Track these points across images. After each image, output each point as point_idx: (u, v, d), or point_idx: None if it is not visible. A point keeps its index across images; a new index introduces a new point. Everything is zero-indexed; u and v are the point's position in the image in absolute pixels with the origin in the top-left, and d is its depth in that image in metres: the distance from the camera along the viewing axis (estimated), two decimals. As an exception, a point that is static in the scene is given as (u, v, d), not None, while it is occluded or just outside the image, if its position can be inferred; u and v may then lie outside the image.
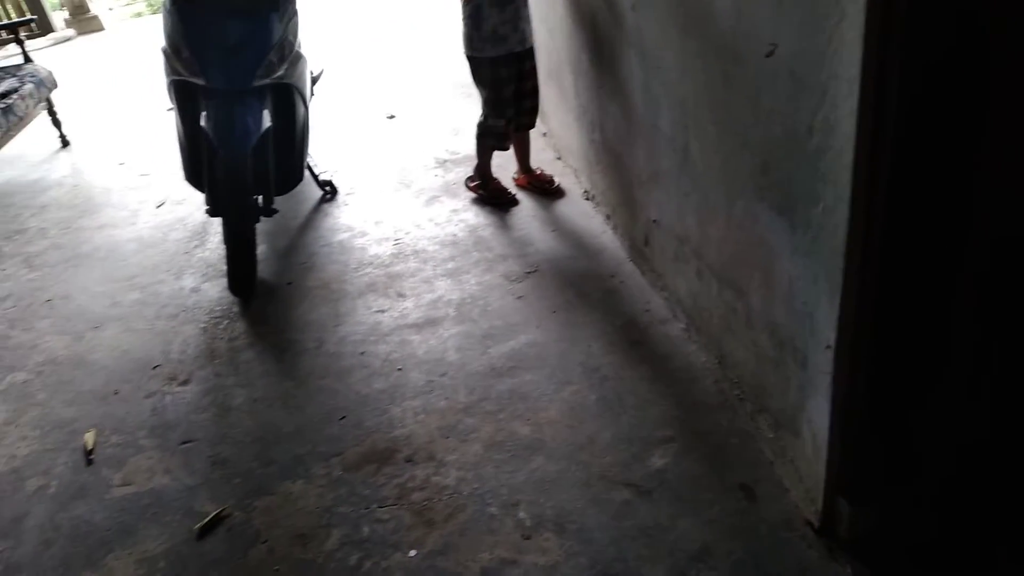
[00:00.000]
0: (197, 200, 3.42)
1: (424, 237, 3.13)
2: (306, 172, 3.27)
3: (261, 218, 2.86)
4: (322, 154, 3.95)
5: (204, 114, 2.69)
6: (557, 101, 3.46)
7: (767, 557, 1.64)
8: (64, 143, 4.86)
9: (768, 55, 1.45)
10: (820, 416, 1.54)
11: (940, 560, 1.55)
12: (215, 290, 2.95)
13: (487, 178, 3.31)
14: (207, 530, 1.90)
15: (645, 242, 2.54)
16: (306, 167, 3.27)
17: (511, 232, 3.09)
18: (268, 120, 2.76)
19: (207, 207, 2.82)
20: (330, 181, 3.62)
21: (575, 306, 2.56)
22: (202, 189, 2.89)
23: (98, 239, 3.52)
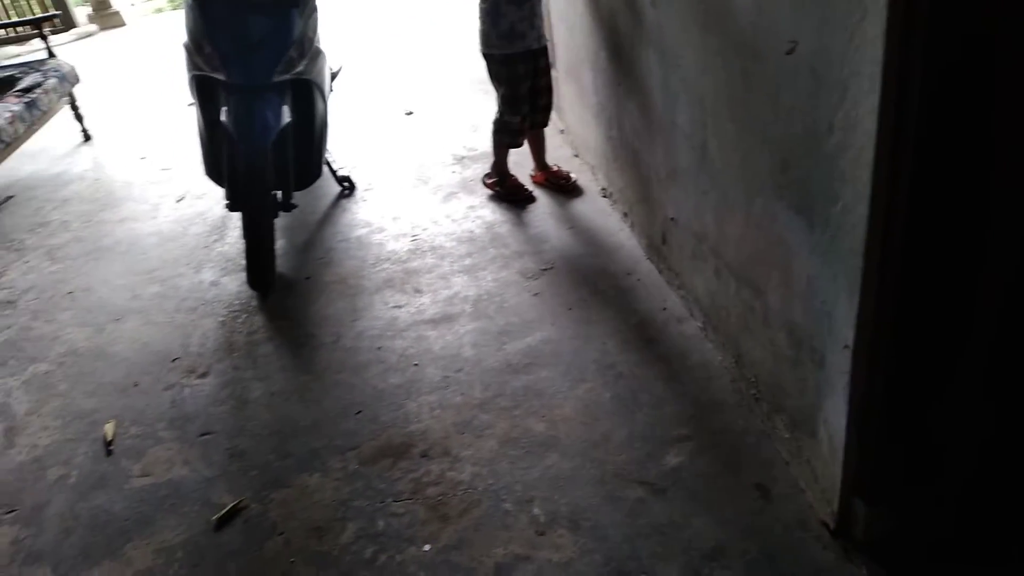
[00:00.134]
0: (217, 195, 3.46)
1: (441, 233, 3.14)
2: (324, 168, 3.29)
3: (280, 213, 2.89)
4: (341, 150, 3.98)
5: (224, 109, 2.71)
6: (575, 98, 3.46)
7: (782, 557, 1.63)
8: (86, 137, 4.92)
9: (788, 52, 1.44)
10: (837, 416, 1.53)
11: (956, 561, 1.54)
12: (234, 284, 2.98)
13: (504, 175, 3.31)
14: (224, 521, 1.92)
15: (662, 240, 2.54)
16: (324, 163, 3.28)
17: (528, 229, 3.09)
18: (287, 116, 2.78)
19: (227, 202, 2.84)
20: (348, 177, 3.64)
21: (591, 303, 2.56)
22: (222, 184, 2.91)
23: (119, 232, 3.57)
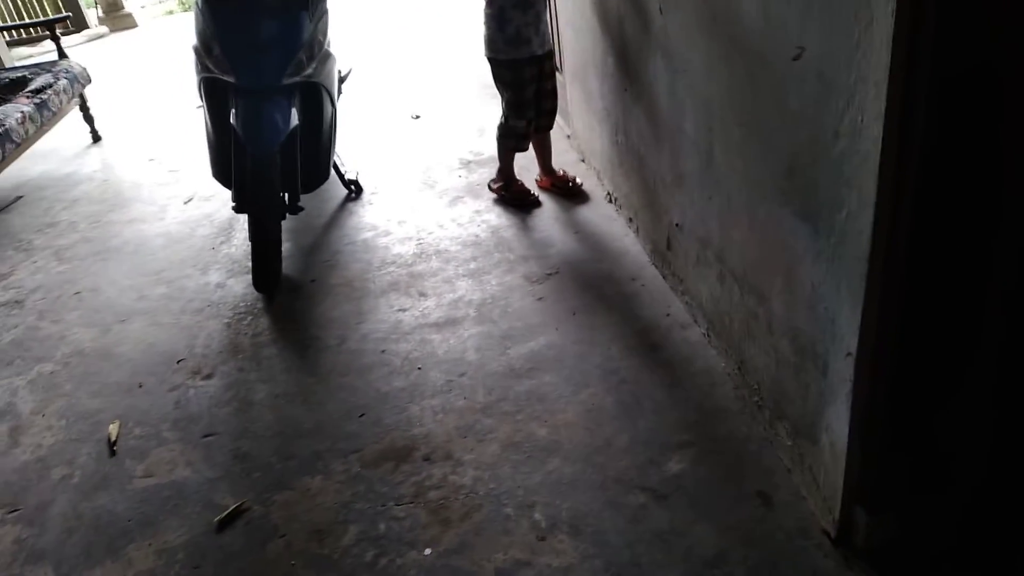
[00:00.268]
0: (224, 197, 3.47)
1: (447, 237, 3.14)
2: (332, 171, 3.30)
3: (287, 215, 2.89)
4: (348, 153, 3.99)
5: (233, 111, 2.72)
6: (582, 103, 3.46)
7: (782, 565, 1.63)
8: (96, 138, 4.95)
9: (795, 58, 1.44)
10: (839, 424, 1.52)
11: (957, 571, 1.53)
12: (240, 286, 2.99)
13: (510, 179, 3.32)
14: (226, 523, 1.92)
15: (667, 246, 2.53)
16: (332, 166, 3.29)
17: (533, 234, 3.09)
18: (296, 118, 2.79)
19: (234, 203, 2.85)
20: (355, 180, 3.65)
21: (595, 309, 2.55)
22: (229, 186, 2.92)
23: (127, 233, 3.58)
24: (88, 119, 4.88)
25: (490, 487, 1.91)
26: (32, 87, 4.25)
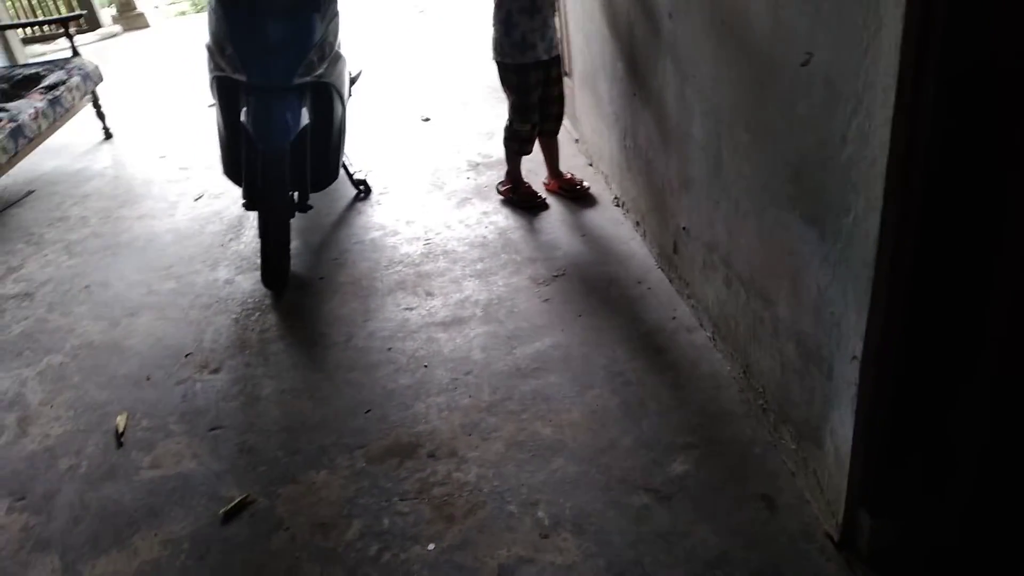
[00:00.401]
0: (234, 195, 3.49)
1: (454, 238, 3.16)
2: (341, 171, 3.32)
3: (296, 213, 2.92)
4: (357, 154, 4.01)
5: (244, 110, 2.75)
6: (590, 108, 3.48)
7: (785, 568, 1.63)
8: (107, 135, 4.98)
9: (804, 64, 1.45)
10: (844, 428, 1.53)
11: (960, 574, 1.53)
12: (248, 282, 3.01)
13: (518, 182, 3.33)
14: (231, 515, 1.94)
15: (674, 249, 2.55)
16: (341, 166, 3.31)
17: (540, 236, 3.10)
18: (306, 118, 2.81)
19: (244, 200, 2.87)
20: (364, 180, 3.67)
21: (601, 311, 2.56)
22: (240, 183, 2.94)
23: (137, 229, 3.61)
24: (100, 116, 4.92)
25: (494, 484, 1.92)
26: (45, 83, 4.29)
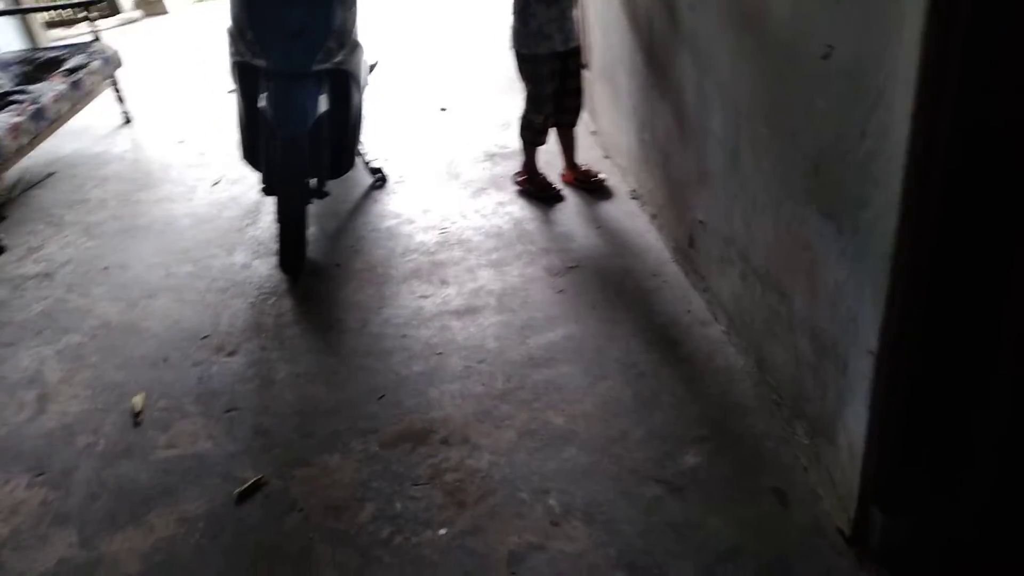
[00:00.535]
0: (251, 180, 3.52)
1: (469, 227, 3.16)
2: (357, 159, 3.33)
3: (313, 200, 2.93)
4: (374, 142, 4.02)
5: (264, 95, 2.76)
6: (608, 100, 3.47)
7: (796, 562, 1.64)
8: (127, 119, 5.01)
9: (824, 57, 1.45)
10: (857, 423, 1.53)
11: (972, 572, 1.53)
12: (265, 267, 3.03)
13: (533, 173, 3.34)
14: (245, 496, 1.96)
15: (690, 243, 2.54)
16: (357, 154, 3.32)
17: (555, 227, 3.11)
18: (324, 104, 2.83)
19: (262, 186, 2.89)
20: (381, 169, 3.68)
21: (615, 303, 2.57)
22: (259, 168, 2.96)
23: (155, 212, 3.64)
24: (120, 100, 4.94)
25: (506, 472, 1.94)
26: (66, 67, 4.32)
